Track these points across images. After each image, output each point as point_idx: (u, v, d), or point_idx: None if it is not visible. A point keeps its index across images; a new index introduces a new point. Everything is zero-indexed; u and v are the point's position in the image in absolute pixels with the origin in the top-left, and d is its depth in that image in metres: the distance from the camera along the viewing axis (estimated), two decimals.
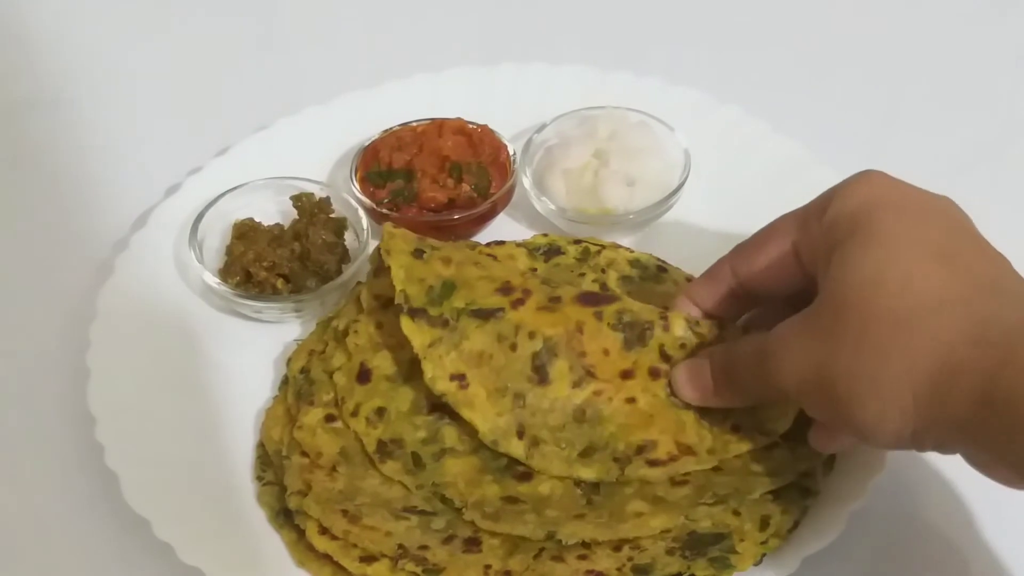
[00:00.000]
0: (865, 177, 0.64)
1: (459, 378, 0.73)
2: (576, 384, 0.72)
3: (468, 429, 0.72)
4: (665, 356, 0.72)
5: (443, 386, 0.72)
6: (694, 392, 0.70)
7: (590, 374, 0.72)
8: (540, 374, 0.72)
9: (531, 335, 0.72)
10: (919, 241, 0.59)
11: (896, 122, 1.02)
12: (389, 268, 0.76)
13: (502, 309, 0.73)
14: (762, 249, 0.69)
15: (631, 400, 0.71)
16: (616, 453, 0.70)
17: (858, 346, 0.58)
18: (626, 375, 0.72)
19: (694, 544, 0.67)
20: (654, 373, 0.72)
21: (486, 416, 0.72)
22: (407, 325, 0.74)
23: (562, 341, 0.72)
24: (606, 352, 0.72)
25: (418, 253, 0.77)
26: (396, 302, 0.75)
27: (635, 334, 0.72)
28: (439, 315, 0.74)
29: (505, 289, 0.75)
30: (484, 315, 0.73)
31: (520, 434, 0.71)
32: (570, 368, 0.72)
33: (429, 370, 0.73)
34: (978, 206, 0.63)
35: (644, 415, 0.71)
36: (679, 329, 0.72)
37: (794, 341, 0.62)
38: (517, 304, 0.73)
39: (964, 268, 0.58)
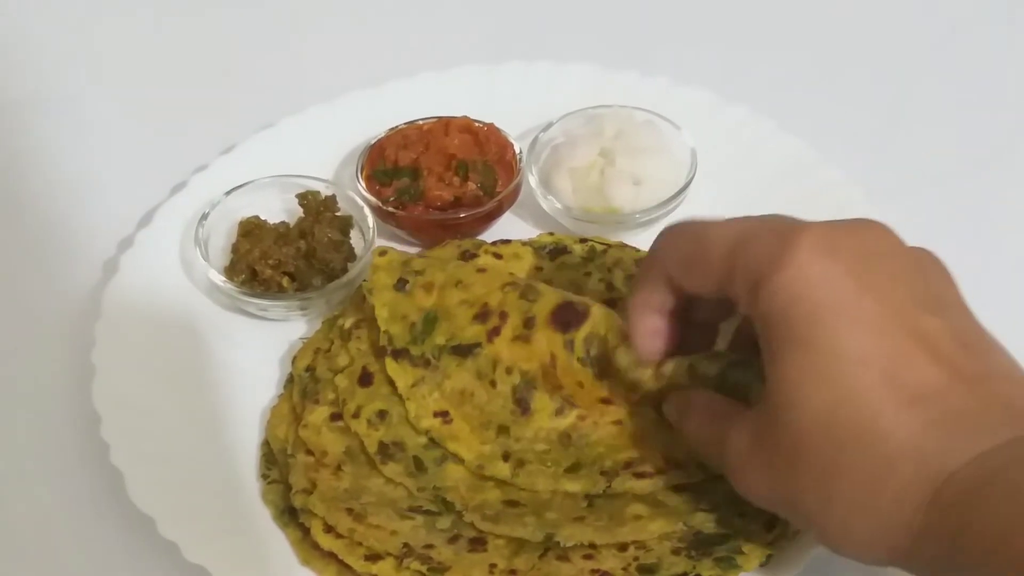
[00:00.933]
0: (792, 263, 0.57)
1: (442, 415, 0.73)
2: (558, 412, 0.72)
3: None
4: (632, 387, 0.71)
5: (427, 423, 0.73)
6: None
7: (570, 404, 0.72)
8: (522, 406, 0.73)
9: (508, 370, 0.73)
10: (868, 363, 0.56)
11: (902, 122, 1.02)
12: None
13: (479, 344, 0.74)
14: (691, 275, 0.64)
15: (618, 422, 0.72)
16: (603, 468, 0.70)
17: (824, 498, 0.57)
18: (606, 402, 0.72)
19: (700, 544, 0.66)
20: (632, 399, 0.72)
21: (471, 446, 0.72)
22: (391, 367, 0.75)
23: (538, 375, 0.73)
24: (580, 385, 0.72)
25: (401, 284, 0.78)
26: (380, 344, 0.76)
27: (602, 368, 0.72)
28: (421, 355, 0.75)
29: (483, 315, 0.75)
30: (463, 352, 0.74)
31: (506, 457, 0.72)
32: (550, 398, 0.73)
33: (412, 409, 0.74)
34: (985, 207, 0.62)
35: (632, 436, 0.71)
36: (623, 359, 0.70)
37: (751, 466, 0.61)
38: (492, 335, 0.74)
39: (917, 394, 0.55)
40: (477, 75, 1.00)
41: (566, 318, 0.73)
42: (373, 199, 0.88)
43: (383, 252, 0.81)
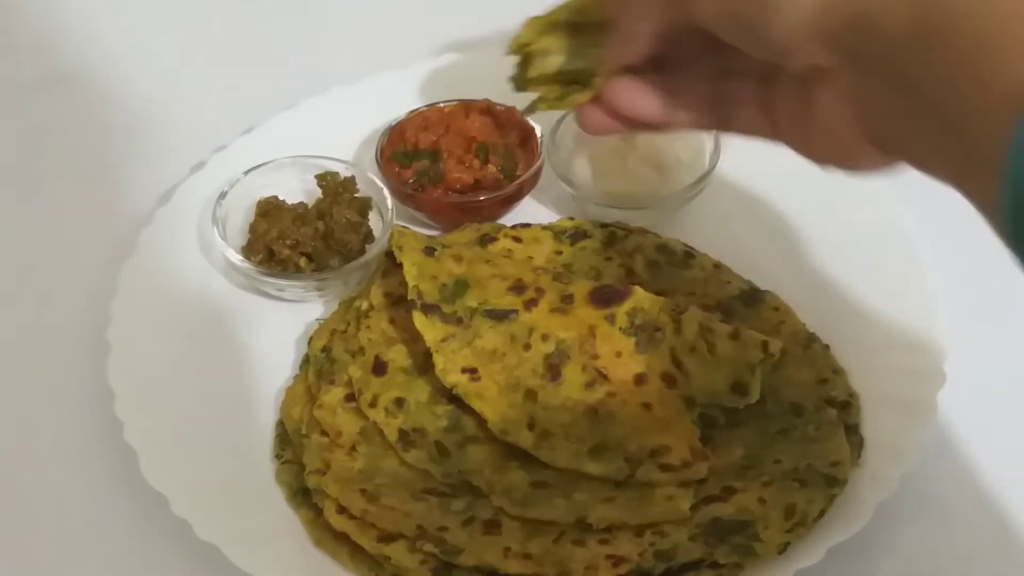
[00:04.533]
0: None
1: (471, 371, 0.73)
2: (588, 385, 0.72)
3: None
4: (677, 361, 0.72)
5: (454, 378, 0.73)
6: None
7: (603, 376, 0.72)
8: (552, 372, 0.72)
9: (544, 337, 0.73)
10: None
11: None
12: (399, 267, 0.77)
13: (516, 311, 0.74)
14: None
15: (647, 405, 0.71)
16: (627, 453, 0.70)
17: None
18: (640, 380, 0.72)
19: (717, 531, 0.66)
20: (668, 380, 0.72)
21: (496, 407, 0.72)
22: (420, 320, 0.74)
23: (575, 344, 0.73)
24: (619, 354, 0.72)
25: (429, 251, 0.78)
26: (409, 297, 0.75)
27: (646, 336, 0.72)
28: (452, 312, 0.75)
29: (518, 288, 0.75)
30: (498, 316, 0.74)
31: (531, 426, 0.71)
32: (582, 369, 0.72)
33: (440, 362, 0.73)
34: None
35: (660, 421, 0.71)
36: (691, 332, 0.72)
37: None
38: (530, 305, 0.74)
39: None
40: (500, 58, 0.99)
41: (606, 296, 0.74)
42: (392, 181, 0.87)
43: (403, 227, 0.81)
